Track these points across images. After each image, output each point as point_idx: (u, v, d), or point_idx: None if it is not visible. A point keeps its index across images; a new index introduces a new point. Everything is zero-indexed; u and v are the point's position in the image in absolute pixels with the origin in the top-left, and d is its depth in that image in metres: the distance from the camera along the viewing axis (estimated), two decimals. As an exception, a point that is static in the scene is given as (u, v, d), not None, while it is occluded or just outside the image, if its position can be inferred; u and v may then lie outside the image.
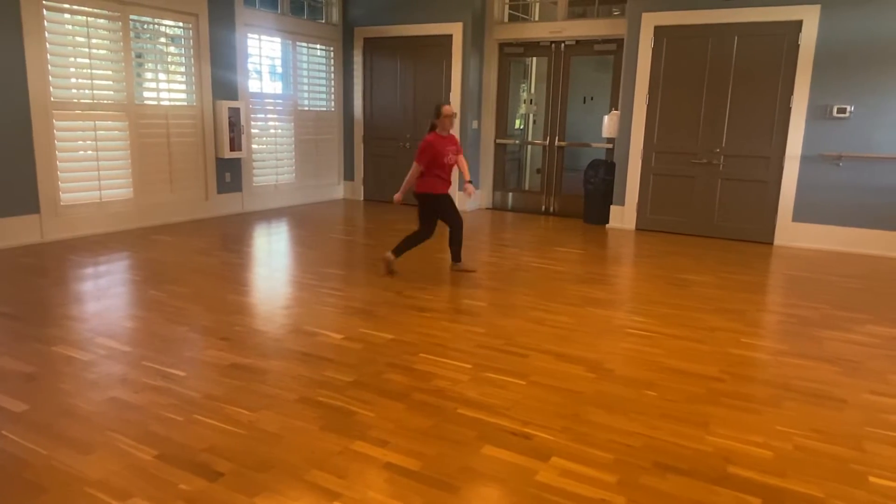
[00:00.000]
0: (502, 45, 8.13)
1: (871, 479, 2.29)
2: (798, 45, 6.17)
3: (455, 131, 8.04)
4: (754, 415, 2.76)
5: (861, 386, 3.09)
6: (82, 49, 5.83)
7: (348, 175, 9.02)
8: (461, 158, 4.97)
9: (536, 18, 8.34)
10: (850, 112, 6.03)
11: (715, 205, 6.83)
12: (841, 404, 2.89)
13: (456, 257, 5.12)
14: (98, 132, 5.99)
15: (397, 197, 4.95)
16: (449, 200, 4.92)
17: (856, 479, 2.29)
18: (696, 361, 3.35)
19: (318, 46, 8.40)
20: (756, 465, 2.35)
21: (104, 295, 4.25)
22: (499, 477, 2.24)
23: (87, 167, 5.97)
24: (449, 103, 4.90)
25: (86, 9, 5.75)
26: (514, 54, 8.17)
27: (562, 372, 3.16)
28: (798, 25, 6.16)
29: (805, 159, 6.31)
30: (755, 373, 3.24)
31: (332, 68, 8.64)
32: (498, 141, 8.38)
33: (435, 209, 4.88)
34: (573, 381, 3.06)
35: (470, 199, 4.69)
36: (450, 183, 4.96)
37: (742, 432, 2.59)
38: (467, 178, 4.97)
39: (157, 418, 2.58)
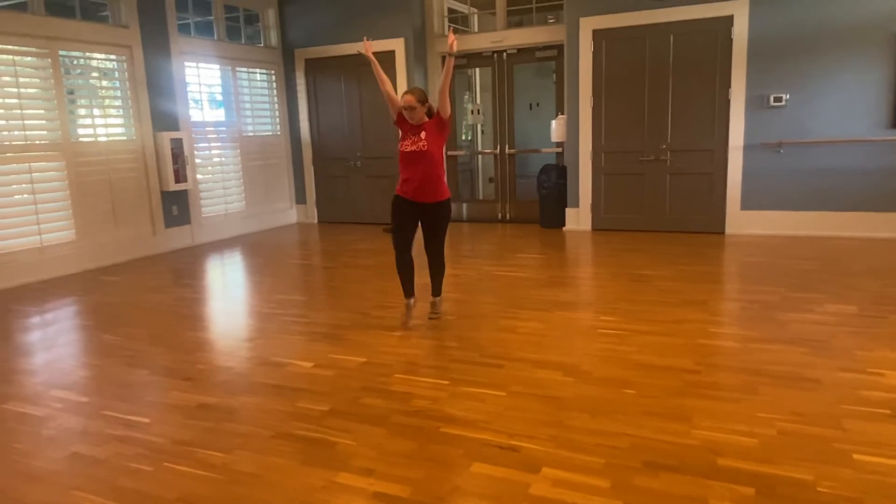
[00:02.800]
0: (445, 58, 8.14)
1: (856, 456, 2.31)
2: (731, 40, 6.37)
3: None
4: (734, 403, 2.78)
5: (831, 365, 3.16)
6: (10, 89, 5.56)
7: (300, 198, 8.86)
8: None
9: (476, 30, 8.40)
10: (786, 100, 6.24)
11: (666, 200, 6.97)
12: (815, 385, 2.94)
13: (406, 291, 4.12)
14: (34, 174, 5.71)
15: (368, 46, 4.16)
16: (405, 206, 3.96)
17: (841, 458, 2.31)
18: (669, 355, 3.37)
19: (258, 71, 8.26)
20: (744, 454, 2.36)
21: (54, 344, 4.03)
22: (491, 494, 2.18)
23: (25, 212, 5.67)
24: (411, 92, 3.89)
25: (11, 47, 5.50)
26: (457, 66, 8.16)
27: (540, 379, 3.13)
28: (729, 20, 6.35)
29: (748, 148, 6.49)
30: (728, 361, 3.28)
31: (275, 92, 8.50)
32: (449, 153, 8.37)
33: (394, 214, 4.04)
34: (552, 387, 3.03)
35: (452, 44, 3.86)
36: (416, 187, 3.92)
37: (725, 422, 2.60)
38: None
39: (123, 471, 2.43)
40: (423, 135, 3.90)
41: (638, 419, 2.66)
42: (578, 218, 7.34)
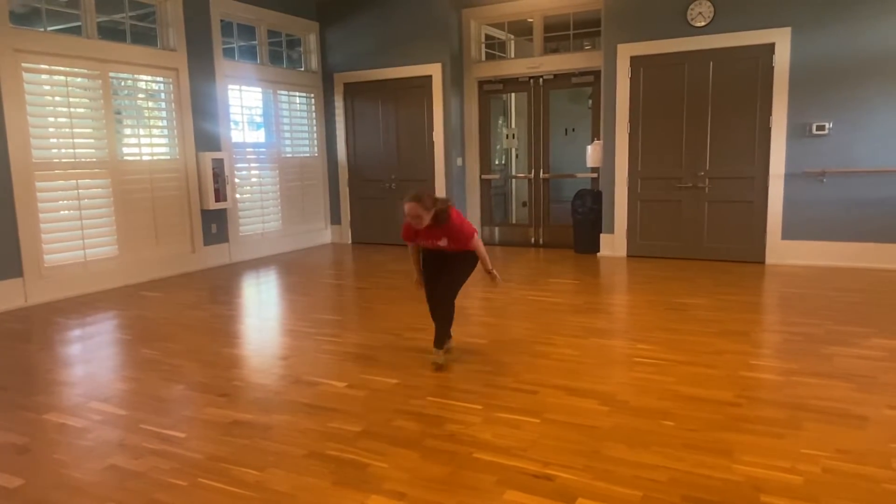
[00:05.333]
0: (481, 83, 8.22)
1: (908, 498, 2.22)
2: (772, 67, 6.30)
3: (440, 168, 8.07)
4: (777, 439, 2.69)
5: (879, 401, 3.04)
6: (62, 108, 5.78)
7: (335, 219, 8.97)
8: (479, 250, 3.67)
9: (513, 56, 8.46)
10: (830, 129, 6.13)
11: (703, 227, 6.86)
12: (862, 422, 2.83)
13: (438, 339, 3.76)
14: (80, 191, 5.89)
15: (417, 281, 3.92)
16: (432, 253, 3.73)
17: (891, 499, 2.21)
18: (709, 387, 3.29)
19: (298, 94, 8.44)
20: (788, 491, 2.28)
21: (94, 357, 4.11)
22: (525, 523, 2.14)
23: (71, 227, 5.85)
24: (412, 200, 3.45)
25: (64, 69, 5.72)
26: (493, 91, 8.26)
27: (575, 407, 3.08)
28: (771, 48, 6.29)
29: (789, 177, 6.37)
30: (770, 395, 3.18)
31: (314, 114, 8.67)
32: (483, 176, 8.41)
33: (423, 258, 3.84)
34: (588, 415, 2.98)
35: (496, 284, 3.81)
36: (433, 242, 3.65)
37: (768, 458, 2.52)
38: (487, 268, 3.74)
39: (160, 485, 2.45)
40: (441, 243, 3.59)
41: (677, 452, 2.59)
42: (613, 244, 7.27)
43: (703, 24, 6.53)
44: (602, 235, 7.34)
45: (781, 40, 6.23)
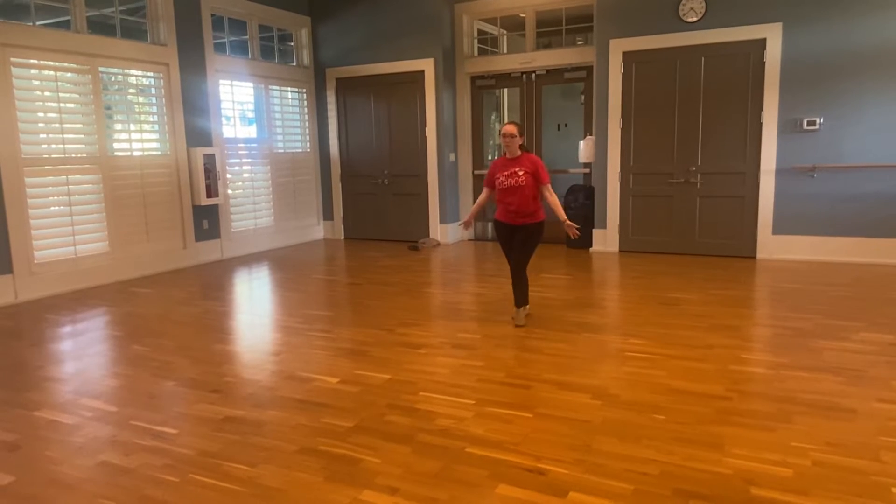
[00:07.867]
0: (474, 78, 8.21)
1: (895, 490, 2.24)
2: (764, 63, 6.32)
3: (432, 163, 8.07)
4: (767, 432, 2.71)
5: (867, 395, 3.07)
6: (51, 104, 5.73)
7: (327, 215, 8.95)
8: (551, 199, 4.37)
9: (505, 51, 8.45)
10: (820, 124, 6.16)
11: (695, 222, 6.89)
12: (851, 415, 2.86)
13: (516, 301, 4.48)
14: (70, 187, 5.85)
15: (465, 221, 4.65)
16: (505, 230, 4.48)
17: (880, 491, 2.24)
18: (700, 381, 3.31)
19: (290, 89, 8.40)
20: (778, 484, 2.29)
21: (85, 353, 4.09)
22: (517, 517, 2.15)
23: (61, 223, 5.81)
24: (511, 123, 4.36)
25: (54, 63, 5.67)
26: (485, 86, 8.25)
27: (567, 401, 3.09)
28: (762, 43, 6.31)
29: (780, 172, 6.40)
30: (760, 388, 3.20)
31: (306, 110, 8.64)
32: (476, 172, 8.40)
33: (497, 237, 4.63)
34: (579, 409, 2.99)
35: (574, 237, 4.31)
36: (513, 211, 4.38)
37: (758, 451, 2.54)
38: (562, 217, 4.33)
39: (151, 481, 2.45)
40: (520, 171, 4.31)
41: (668, 445, 2.61)
42: (606, 239, 7.29)
43: (694, 19, 6.54)
44: (594, 231, 7.35)
45: (772, 36, 6.25)
